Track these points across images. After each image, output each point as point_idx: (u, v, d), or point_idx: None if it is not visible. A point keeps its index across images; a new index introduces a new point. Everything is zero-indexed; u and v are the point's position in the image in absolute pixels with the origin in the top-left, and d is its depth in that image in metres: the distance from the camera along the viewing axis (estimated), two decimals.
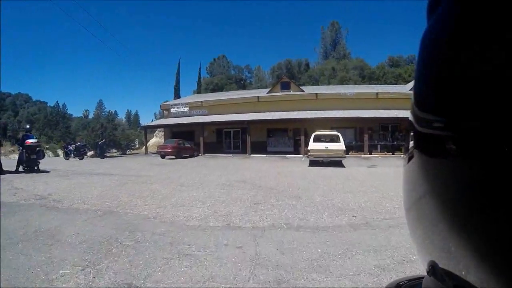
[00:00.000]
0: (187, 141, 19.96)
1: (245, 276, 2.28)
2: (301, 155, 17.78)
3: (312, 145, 11.75)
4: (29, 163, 10.24)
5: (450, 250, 0.27)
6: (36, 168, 10.48)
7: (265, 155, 18.70)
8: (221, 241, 3.08)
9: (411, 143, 0.32)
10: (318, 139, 12.31)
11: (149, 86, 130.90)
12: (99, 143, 20.62)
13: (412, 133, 0.32)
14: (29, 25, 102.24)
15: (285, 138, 21.56)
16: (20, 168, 10.26)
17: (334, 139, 12.59)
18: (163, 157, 17.90)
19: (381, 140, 19.15)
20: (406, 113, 0.40)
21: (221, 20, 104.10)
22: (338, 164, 12.00)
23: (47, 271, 2.36)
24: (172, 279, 2.24)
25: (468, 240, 0.24)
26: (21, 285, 2.14)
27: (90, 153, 22.65)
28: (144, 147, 25.09)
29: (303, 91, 23.07)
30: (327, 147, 11.58)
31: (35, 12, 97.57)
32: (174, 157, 17.73)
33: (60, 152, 25.23)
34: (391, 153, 17.91)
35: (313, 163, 12.15)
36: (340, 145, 11.61)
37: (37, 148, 10.67)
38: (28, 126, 12.80)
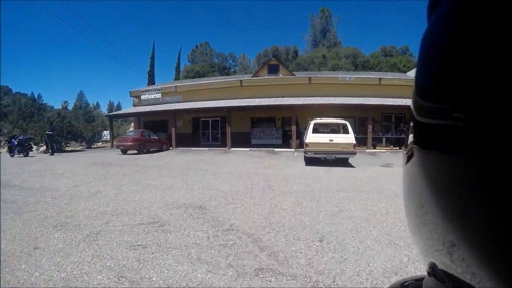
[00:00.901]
0: (154, 132, 16.42)
1: None
2: (292, 149, 14.74)
3: (312, 137, 8.59)
4: None
5: (450, 251, 0.27)
6: None
7: (248, 149, 15.49)
8: None
9: (411, 136, 0.32)
10: (318, 129, 9.24)
11: (131, 77, 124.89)
12: (46, 133, 16.59)
13: (412, 124, 0.31)
14: (10, 19, 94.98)
15: (272, 128, 18.36)
16: None
17: (339, 129, 9.56)
18: (124, 152, 14.38)
19: (385, 132, 16.40)
20: None
21: (204, 5, 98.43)
22: (343, 162, 9.00)
23: None
24: None
25: (469, 241, 0.24)
26: None
27: (43, 148, 18.65)
28: (115, 139, 20.95)
29: (294, 75, 19.83)
30: (332, 140, 8.48)
31: (17, 8, 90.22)
32: (136, 151, 14.25)
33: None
34: (398, 147, 15.20)
35: (310, 161, 9.09)
36: (349, 138, 8.52)
37: None
38: None
